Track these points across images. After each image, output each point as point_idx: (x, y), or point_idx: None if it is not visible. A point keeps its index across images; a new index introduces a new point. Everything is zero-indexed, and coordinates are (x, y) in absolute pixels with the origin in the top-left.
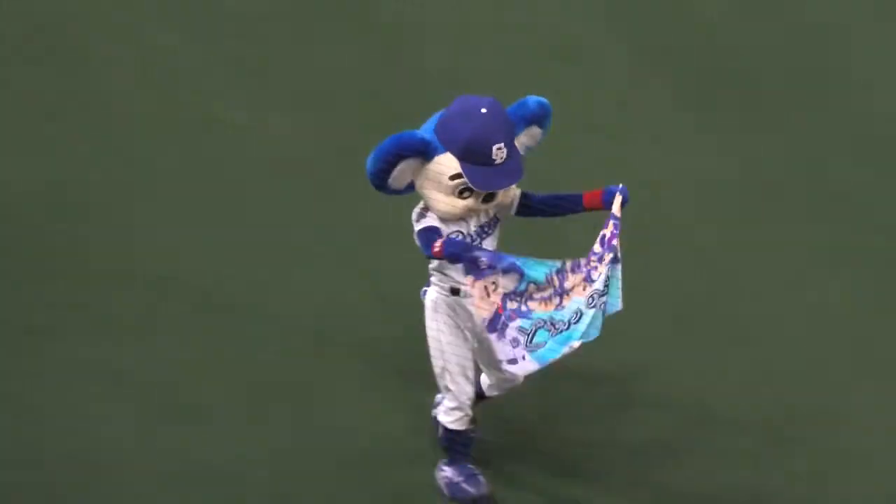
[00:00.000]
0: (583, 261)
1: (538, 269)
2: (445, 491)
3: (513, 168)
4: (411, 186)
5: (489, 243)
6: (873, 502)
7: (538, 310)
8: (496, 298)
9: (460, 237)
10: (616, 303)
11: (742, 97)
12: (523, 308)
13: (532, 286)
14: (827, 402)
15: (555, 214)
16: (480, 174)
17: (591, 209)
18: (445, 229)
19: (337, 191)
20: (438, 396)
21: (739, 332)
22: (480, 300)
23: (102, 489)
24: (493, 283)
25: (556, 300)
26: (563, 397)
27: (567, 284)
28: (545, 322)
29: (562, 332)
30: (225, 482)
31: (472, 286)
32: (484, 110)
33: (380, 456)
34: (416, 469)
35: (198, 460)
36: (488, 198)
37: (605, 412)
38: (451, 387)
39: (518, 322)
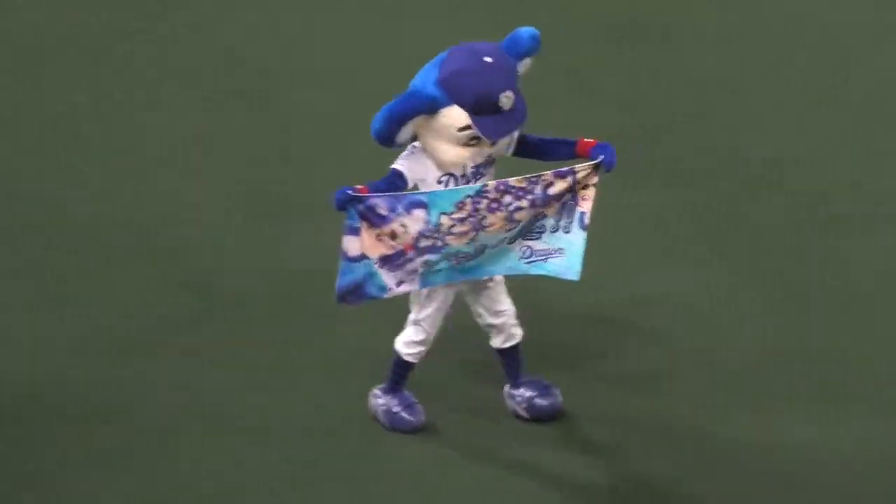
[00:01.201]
0: (508, 196)
1: (445, 198)
2: (383, 419)
3: (519, 110)
4: (414, 137)
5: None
6: None
7: (454, 244)
8: (405, 239)
9: (452, 181)
10: (574, 270)
11: None
12: (439, 244)
13: (447, 220)
14: None
15: (548, 158)
16: (491, 124)
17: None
18: (436, 174)
19: None
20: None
21: None
22: (373, 244)
23: None
24: (402, 225)
25: (472, 234)
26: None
27: (486, 222)
28: (452, 255)
29: (462, 263)
30: None
31: (367, 232)
32: (488, 59)
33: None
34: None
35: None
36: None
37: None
38: (423, 321)
39: (426, 256)
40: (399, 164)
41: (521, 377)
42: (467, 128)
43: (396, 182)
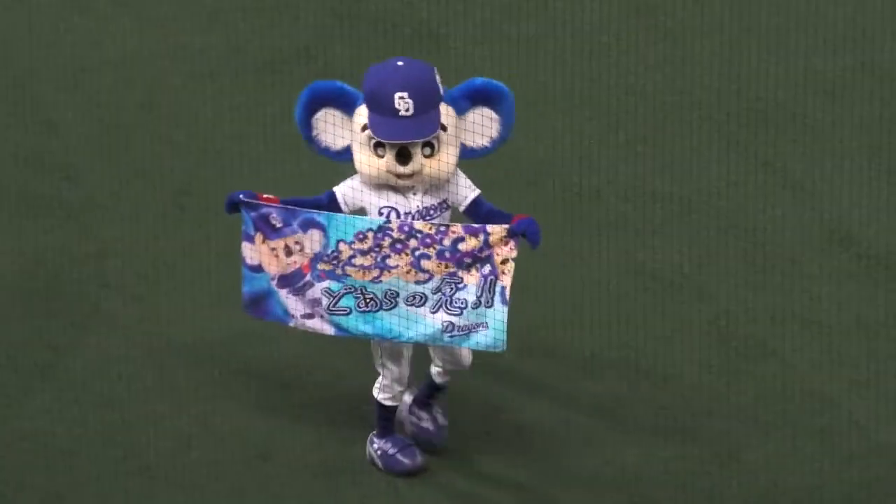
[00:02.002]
0: (413, 241)
1: (346, 226)
2: (379, 463)
3: (423, 123)
4: (348, 151)
5: None
6: None
7: (355, 277)
8: (300, 258)
9: (393, 214)
10: (499, 342)
11: None
12: (338, 272)
13: (346, 249)
14: None
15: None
16: (384, 124)
17: None
18: (377, 202)
19: None
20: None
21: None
22: (269, 258)
23: None
24: (297, 242)
25: (375, 272)
26: (521, 380)
27: (390, 262)
28: (356, 289)
29: (371, 310)
30: None
31: (262, 244)
32: (400, 63)
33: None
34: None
35: None
36: (403, 160)
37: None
38: (388, 366)
39: (327, 283)
40: (337, 187)
41: (430, 404)
42: (366, 127)
43: (322, 202)
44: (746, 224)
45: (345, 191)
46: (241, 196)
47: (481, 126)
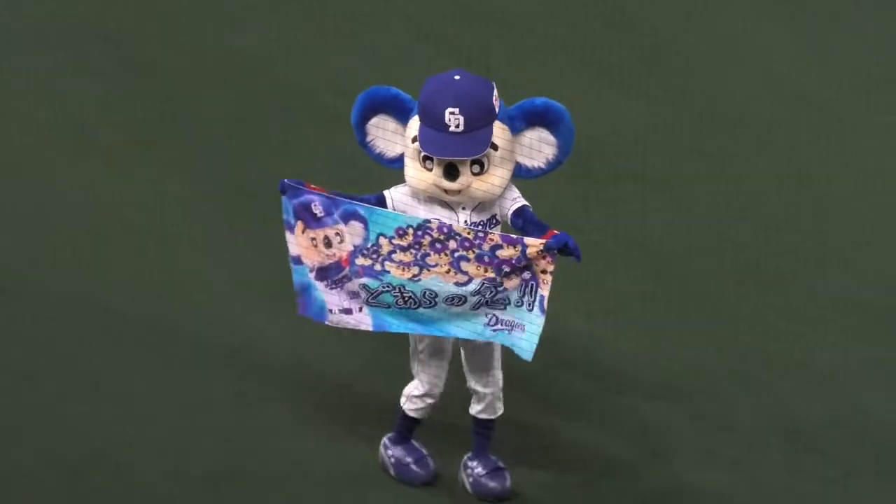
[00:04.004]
0: (453, 243)
1: (387, 221)
2: (392, 471)
3: (471, 142)
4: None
5: None
6: None
7: (394, 273)
8: (340, 251)
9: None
10: (528, 351)
11: None
12: (377, 267)
13: (387, 243)
14: None
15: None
16: (431, 136)
17: None
18: (423, 214)
19: None
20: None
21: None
22: (308, 250)
23: None
24: (338, 233)
25: (415, 270)
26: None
27: (430, 260)
28: (394, 287)
29: (410, 307)
30: None
31: (302, 234)
32: (457, 77)
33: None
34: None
35: None
36: (451, 176)
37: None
38: (420, 375)
39: (364, 280)
40: (388, 190)
41: (482, 451)
42: (416, 139)
43: (370, 201)
44: None
45: (395, 195)
46: (286, 182)
47: (538, 148)
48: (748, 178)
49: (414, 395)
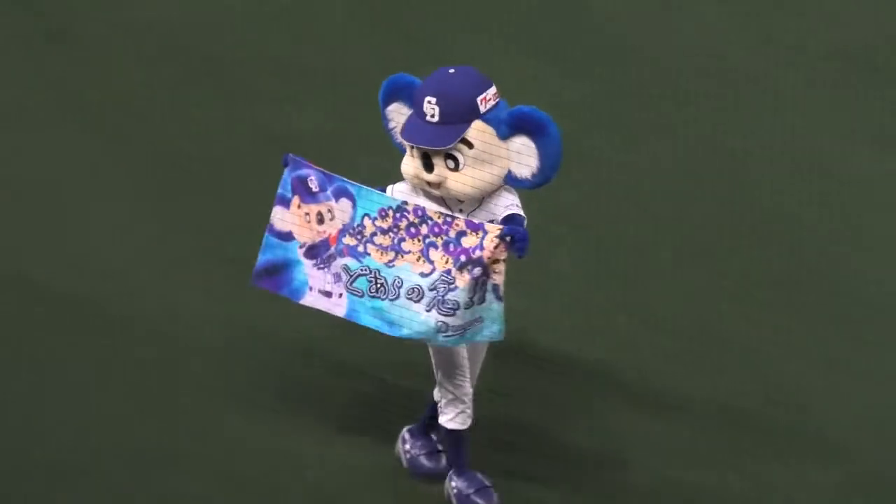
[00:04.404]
0: (424, 227)
1: (372, 200)
2: (404, 462)
3: (441, 133)
4: None
5: None
6: None
7: (374, 257)
8: (330, 228)
9: None
10: (495, 331)
11: None
12: (360, 248)
13: (370, 224)
14: None
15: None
16: (410, 123)
17: None
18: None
19: None
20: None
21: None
22: (300, 226)
23: None
24: (329, 210)
25: (391, 255)
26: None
27: (405, 245)
28: (370, 271)
29: (379, 297)
30: None
31: (297, 208)
32: (452, 71)
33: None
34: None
35: None
36: (427, 167)
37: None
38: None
39: (347, 260)
40: (391, 185)
41: (462, 466)
42: None
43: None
44: None
45: (396, 190)
46: (290, 155)
47: (525, 155)
48: (677, 153)
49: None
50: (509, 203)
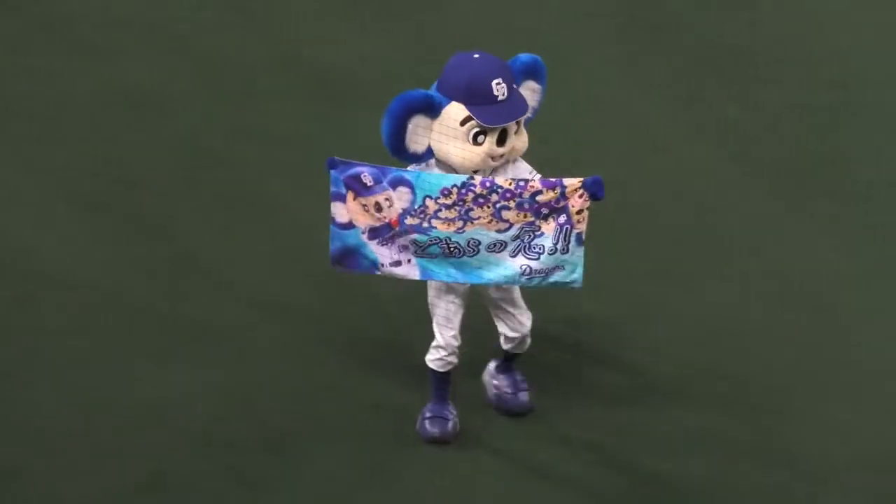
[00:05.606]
0: (495, 196)
1: (431, 183)
2: (417, 426)
3: (517, 103)
4: (431, 151)
5: None
6: None
7: (441, 228)
8: (390, 213)
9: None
10: (575, 278)
11: None
12: (425, 224)
13: (433, 204)
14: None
15: None
16: (488, 111)
17: None
18: None
19: None
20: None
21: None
22: (360, 214)
23: None
24: (387, 199)
25: (459, 224)
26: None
27: (473, 214)
28: (441, 240)
29: (455, 256)
30: None
31: (353, 201)
32: (476, 56)
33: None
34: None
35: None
36: (501, 140)
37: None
38: (435, 331)
39: (413, 235)
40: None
41: (510, 367)
42: (468, 119)
43: None
44: None
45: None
46: (335, 159)
47: (532, 97)
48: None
49: (432, 346)
50: (530, 169)
